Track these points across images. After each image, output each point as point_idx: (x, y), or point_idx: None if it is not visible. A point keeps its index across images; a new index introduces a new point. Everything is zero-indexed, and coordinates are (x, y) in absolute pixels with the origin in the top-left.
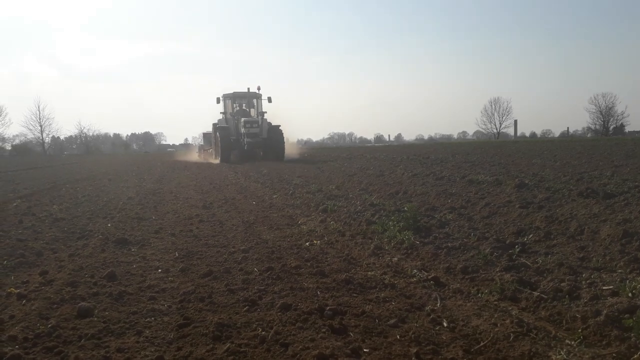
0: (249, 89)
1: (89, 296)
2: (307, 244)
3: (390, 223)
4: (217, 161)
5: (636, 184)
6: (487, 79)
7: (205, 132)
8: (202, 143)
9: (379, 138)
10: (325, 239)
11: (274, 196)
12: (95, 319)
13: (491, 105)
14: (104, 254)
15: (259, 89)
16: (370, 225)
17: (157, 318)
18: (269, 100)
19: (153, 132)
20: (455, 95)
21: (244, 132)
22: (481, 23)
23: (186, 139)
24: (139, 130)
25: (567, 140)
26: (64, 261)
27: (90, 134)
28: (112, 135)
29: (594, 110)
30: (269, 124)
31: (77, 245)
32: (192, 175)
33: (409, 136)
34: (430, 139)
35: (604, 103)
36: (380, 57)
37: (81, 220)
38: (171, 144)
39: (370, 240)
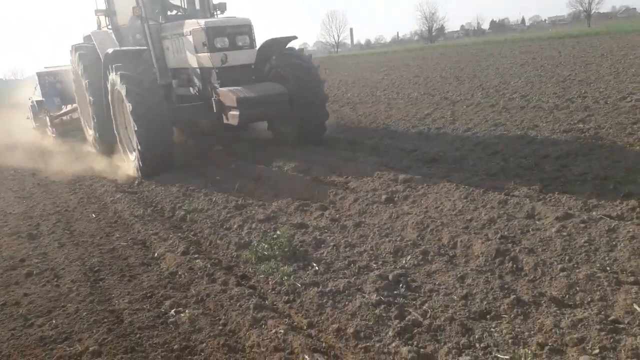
0: None
1: None
2: (173, 312)
3: (265, 247)
4: (130, 172)
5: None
6: None
7: (44, 69)
8: (39, 98)
9: None
10: (193, 292)
11: (117, 195)
12: None
13: (328, 19)
14: None
15: None
16: (241, 251)
17: None
18: None
19: None
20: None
21: (216, 59)
22: None
23: None
24: None
25: (398, 50)
26: None
27: None
28: None
29: (419, 17)
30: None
31: None
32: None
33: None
34: None
35: (427, 10)
36: None
37: None
38: None
39: (248, 290)
